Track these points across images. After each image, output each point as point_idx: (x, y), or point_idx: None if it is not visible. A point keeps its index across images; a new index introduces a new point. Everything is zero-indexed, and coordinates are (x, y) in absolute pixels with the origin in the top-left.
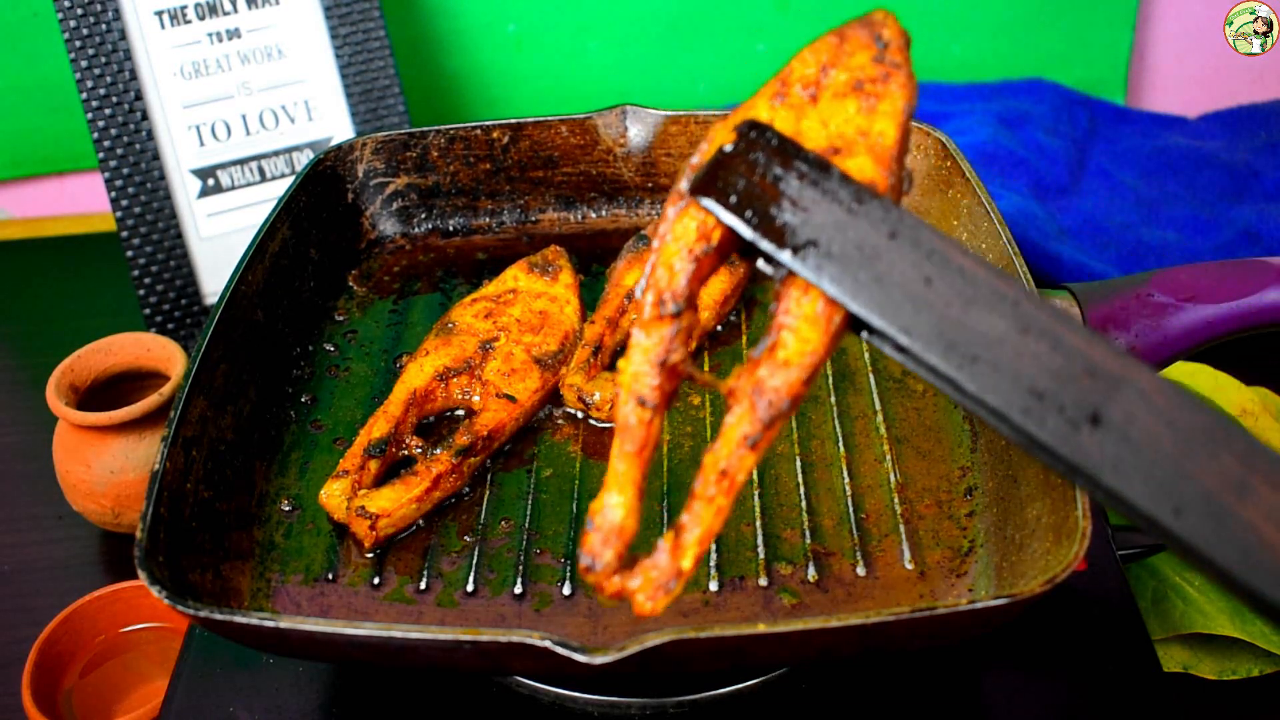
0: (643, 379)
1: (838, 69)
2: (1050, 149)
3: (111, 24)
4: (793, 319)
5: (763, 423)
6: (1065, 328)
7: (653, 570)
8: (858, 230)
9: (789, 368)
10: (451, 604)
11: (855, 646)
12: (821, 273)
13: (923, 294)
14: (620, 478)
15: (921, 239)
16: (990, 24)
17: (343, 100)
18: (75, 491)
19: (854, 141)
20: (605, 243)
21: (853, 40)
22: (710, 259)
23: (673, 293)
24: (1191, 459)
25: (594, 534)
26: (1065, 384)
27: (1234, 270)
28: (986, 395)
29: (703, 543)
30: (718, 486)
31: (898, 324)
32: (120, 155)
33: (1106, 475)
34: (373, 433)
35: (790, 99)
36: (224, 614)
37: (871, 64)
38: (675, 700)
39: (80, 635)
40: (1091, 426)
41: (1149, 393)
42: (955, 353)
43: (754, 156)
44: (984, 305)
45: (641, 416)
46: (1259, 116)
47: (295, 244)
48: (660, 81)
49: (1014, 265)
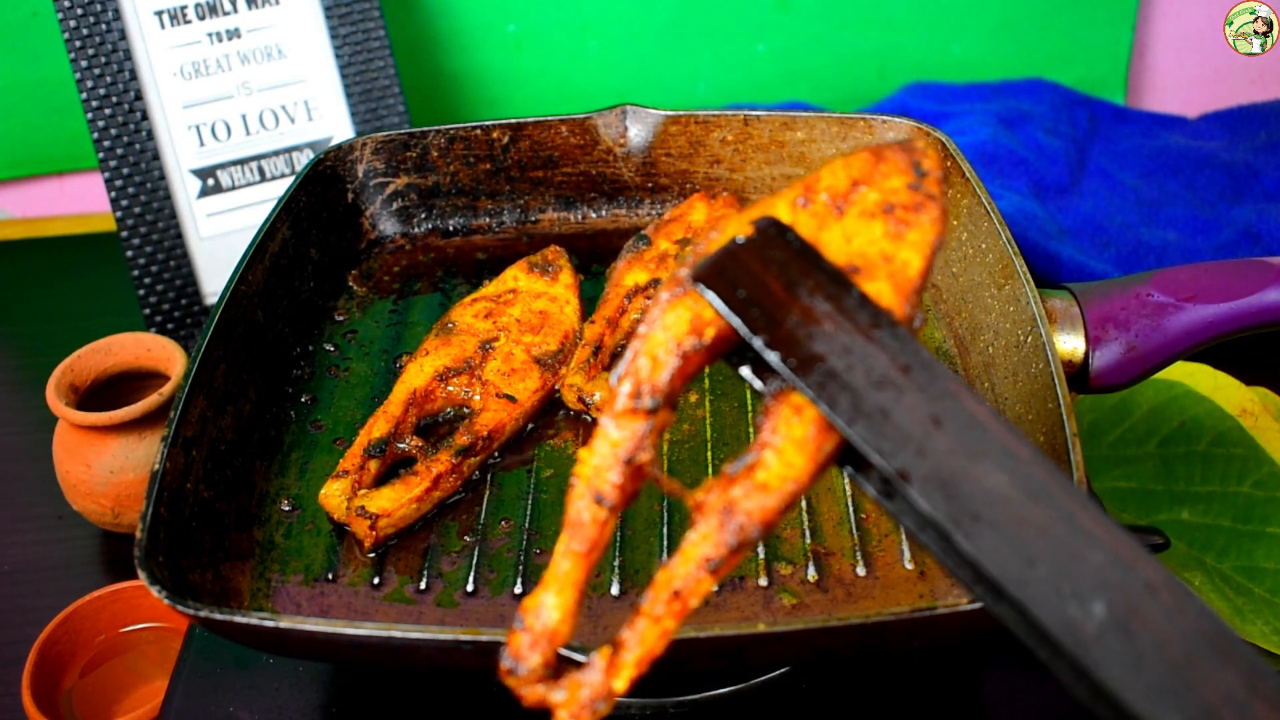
0: (604, 474)
1: (870, 187)
2: (1050, 149)
3: (111, 24)
4: (780, 439)
5: (728, 547)
6: (1076, 502)
7: (582, 687)
8: (870, 356)
9: (766, 492)
10: (451, 604)
11: (855, 646)
12: (823, 393)
13: (929, 436)
14: (561, 577)
15: (936, 378)
16: (990, 24)
17: (343, 100)
18: (75, 491)
19: (876, 265)
20: (605, 243)
21: (890, 162)
22: (699, 357)
23: (652, 386)
24: (1195, 668)
25: (522, 635)
26: (1068, 561)
27: (1234, 270)
28: (982, 557)
29: (641, 664)
30: (667, 608)
31: (896, 462)
32: (120, 155)
33: (1103, 668)
34: (373, 433)
35: (814, 206)
36: (224, 614)
37: (906, 190)
38: (675, 700)
39: (80, 635)
40: (1091, 613)
41: (1158, 588)
42: (954, 505)
43: (770, 254)
44: (993, 461)
45: (596, 515)
46: (1258, 116)
47: (295, 244)
48: (660, 81)
49: (1014, 265)
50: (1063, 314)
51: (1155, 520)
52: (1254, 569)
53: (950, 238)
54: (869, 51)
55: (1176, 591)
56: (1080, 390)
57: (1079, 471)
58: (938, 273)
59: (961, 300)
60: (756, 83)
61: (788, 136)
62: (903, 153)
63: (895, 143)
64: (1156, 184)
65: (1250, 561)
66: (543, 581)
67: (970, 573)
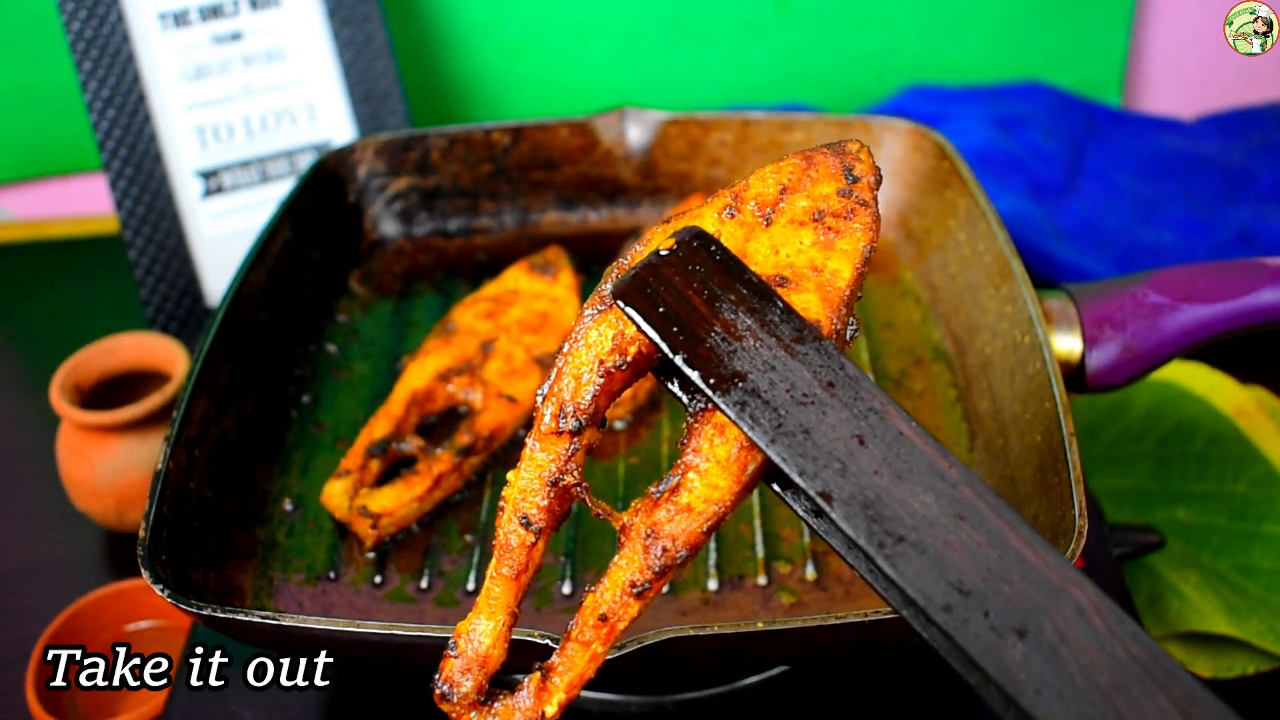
0: (530, 497)
1: (799, 194)
2: (1047, 151)
3: (115, 27)
4: (702, 460)
5: (653, 571)
6: (1007, 523)
7: (514, 713)
8: (793, 372)
9: (690, 514)
10: (452, 602)
11: (854, 644)
12: (744, 411)
13: (853, 455)
14: (493, 602)
15: (861, 394)
16: (988, 27)
17: (344, 102)
18: (79, 491)
19: (804, 275)
20: (605, 243)
21: (821, 167)
22: (623, 375)
23: (576, 406)
24: (1124, 694)
25: (455, 660)
26: (995, 585)
27: (1229, 270)
28: (905, 582)
29: (572, 688)
30: (595, 632)
31: (818, 483)
32: (123, 157)
33: (1026, 697)
34: (374, 433)
35: (742, 215)
36: (227, 612)
37: (836, 196)
38: (674, 698)
39: (84, 634)
40: (1018, 638)
41: (1089, 612)
42: (878, 527)
43: (692, 268)
44: (919, 480)
45: (523, 539)
46: (1254, 119)
47: (297, 245)
48: (660, 84)
49: (1011, 265)
50: (1059, 314)
51: (1151, 519)
52: (1250, 567)
53: (948, 239)
54: (867, 54)
55: (1109, 616)
56: (1077, 390)
57: (1076, 470)
58: (935, 273)
59: (959, 301)
60: (755, 85)
61: (786, 138)
62: (834, 157)
63: (827, 146)
64: (1153, 185)
65: (1246, 560)
66: (475, 606)
67: (898, 595)
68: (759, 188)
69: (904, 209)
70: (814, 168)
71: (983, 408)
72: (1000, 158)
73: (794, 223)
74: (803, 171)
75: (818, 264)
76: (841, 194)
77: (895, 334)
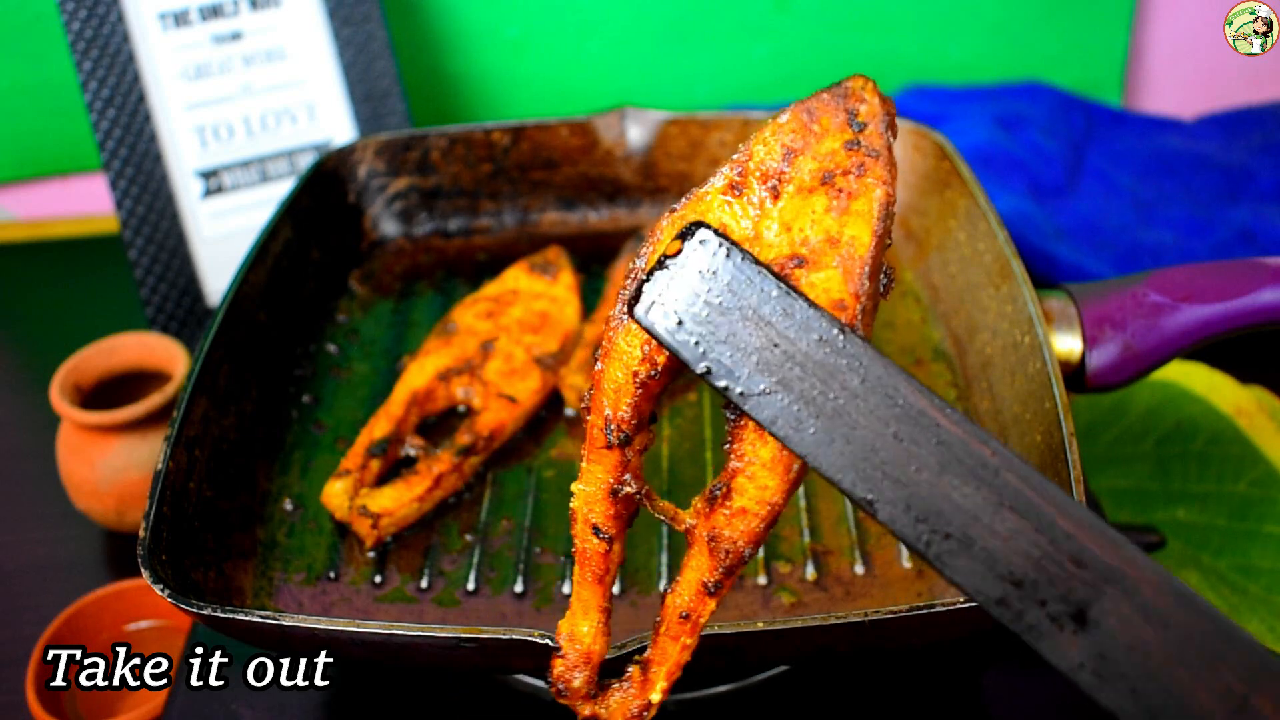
0: (595, 508)
1: (804, 155)
2: (1047, 151)
3: (115, 26)
4: (747, 464)
5: (723, 571)
6: (1055, 505)
7: (624, 701)
8: (820, 374)
9: (746, 516)
10: (453, 602)
11: (854, 644)
12: (776, 423)
13: (891, 453)
14: (585, 604)
15: (892, 388)
16: (988, 26)
17: (345, 102)
18: (79, 491)
19: (821, 251)
20: (605, 243)
21: (824, 118)
22: (658, 382)
23: (619, 421)
24: (1186, 669)
25: (562, 660)
26: (1048, 574)
27: (1229, 270)
28: (959, 578)
29: (670, 676)
30: (680, 628)
31: (859, 489)
32: (124, 157)
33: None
34: (374, 432)
35: (749, 192)
36: (227, 612)
37: (844, 151)
38: (675, 698)
39: (84, 633)
40: (1076, 626)
41: (1145, 590)
42: (923, 527)
43: (703, 272)
44: (959, 471)
45: (598, 546)
46: (1254, 119)
47: (297, 245)
48: (660, 83)
49: (1011, 265)
50: (1059, 314)
51: (1151, 519)
52: (1250, 567)
53: (948, 239)
54: (867, 54)
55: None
56: (1077, 390)
57: (1076, 470)
58: (935, 273)
59: (959, 300)
60: (755, 84)
61: None
62: (836, 100)
63: (828, 90)
64: (1153, 185)
65: (1246, 560)
66: (569, 610)
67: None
68: (762, 155)
69: (904, 209)
70: (816, 119)
71: (983, 408)
72: (1000, 157)
73: (803, 191)
74: (805, 127)
75: (834, 234)
76: (849, 146)
77: (895, 334)
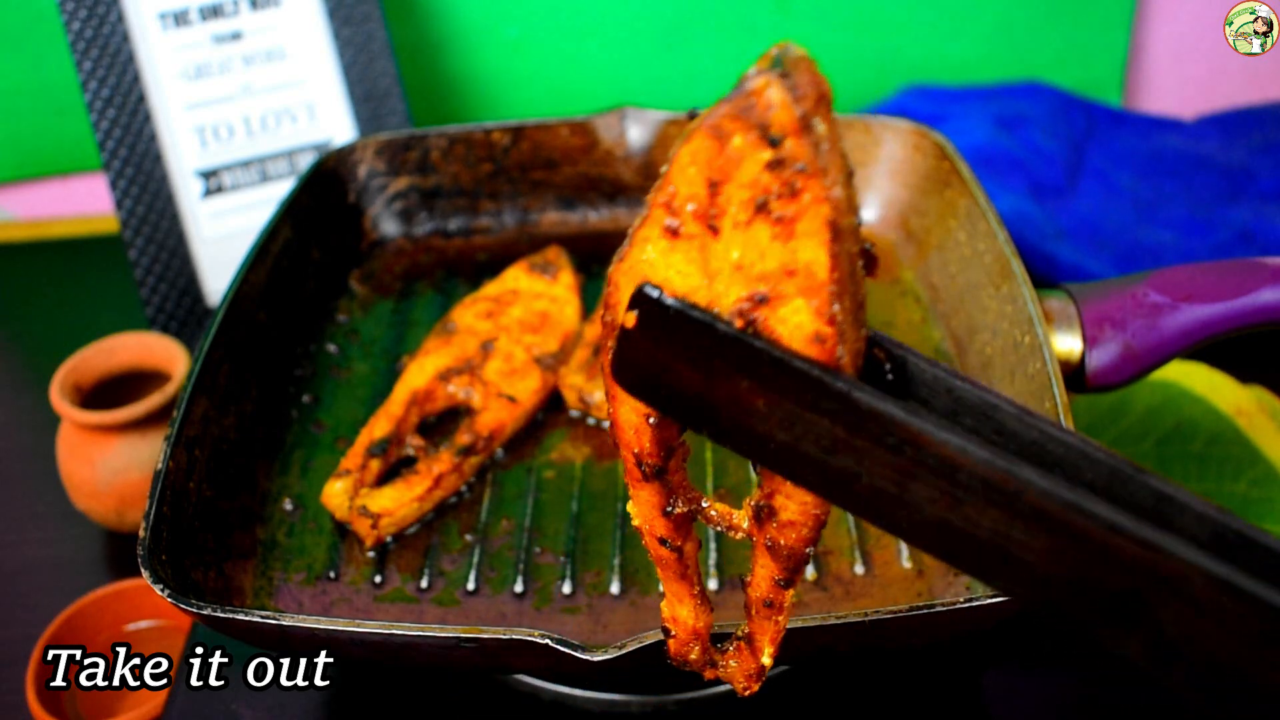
0: (653, 526)
1: (731, 184)
2: (1047, 150)
3: (115, 26)
4: (780, 483)
5: (789, 571)
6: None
7: (741, 663)
8: (812, 425)
9: (795, 526)
10: (453, 602)
11: (854, 644)
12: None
13: (903, 491)
14: (677, 594)
15: (888, 427)
16: (988, 26)
17: (345, 102)
18: (79, 491)
19: (780, 283)
20: (605, 243)
21: (734, 137)
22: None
23: (643, 455)
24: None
25: (674, 639)
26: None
27: (1229, 270)
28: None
29: (774, 642)
30: (768, 612)
31: (880, 524)
32: (124, 157)
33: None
34: (374, 432)
35: (687, 229)
36: (227, 612)
37: (768, 174)
38: (675, 698)
39: (84, 633)
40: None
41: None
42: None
43: (664, 337)
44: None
45: (670, 554)
46: (1255, 119)
47: (297, 245)
48: (660, 83)
49: (1011, 265)
50: (1059, 314)
51: None
52: None
53: (948, 238)
54: (867, 53)
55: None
56: (1077, 390)
57: None
58: (935, 273)
59: (959, 300)
60: None
61: None
62: (741, 115)
63: (730, 100)
64: (1153, 185)
65: None
66: (666, 598)
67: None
68: (686, 188)
69: (904, 209)
70: (726, 142)
71: None
72: (1000, 157)
73: (739, 226)
74: (718, 154)
75: (789, 264)
76: (772, 167)
77: (895, 334)
